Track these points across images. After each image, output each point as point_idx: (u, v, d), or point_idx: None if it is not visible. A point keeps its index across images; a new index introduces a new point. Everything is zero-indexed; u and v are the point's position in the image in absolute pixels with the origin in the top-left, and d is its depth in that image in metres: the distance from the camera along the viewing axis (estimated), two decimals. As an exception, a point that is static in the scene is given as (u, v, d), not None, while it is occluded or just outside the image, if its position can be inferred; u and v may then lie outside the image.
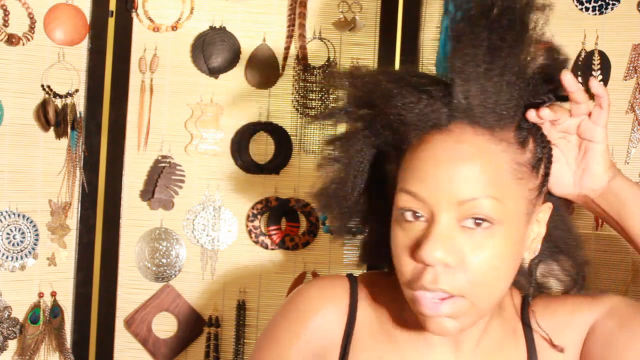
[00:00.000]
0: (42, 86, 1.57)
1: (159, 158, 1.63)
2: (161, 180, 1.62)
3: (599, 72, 1.43)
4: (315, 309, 0.93)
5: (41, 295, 1.58)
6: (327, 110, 0.97)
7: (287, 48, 1.62)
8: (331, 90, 1.60)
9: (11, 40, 1.53)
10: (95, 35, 1.61)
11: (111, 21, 1.62)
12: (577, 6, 1.46)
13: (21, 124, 1.56)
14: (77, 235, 1.63)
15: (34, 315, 1.57)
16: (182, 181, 1.64)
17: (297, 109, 1.62)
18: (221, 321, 1.63)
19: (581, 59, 1.45)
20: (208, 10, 1.63)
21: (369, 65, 1.59)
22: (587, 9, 1.45)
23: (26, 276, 1.58)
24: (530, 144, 0.86)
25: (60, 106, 1.58)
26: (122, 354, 1.65)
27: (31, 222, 1.58)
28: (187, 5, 1.63)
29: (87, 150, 1.60)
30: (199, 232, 1.64)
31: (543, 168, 0.87)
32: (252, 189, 1.63)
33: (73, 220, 1.63)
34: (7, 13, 1.53)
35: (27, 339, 1.56)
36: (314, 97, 1.61)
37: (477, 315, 0.84)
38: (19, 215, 1.56)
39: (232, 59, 1.63)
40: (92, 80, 1.62)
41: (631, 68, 1.42)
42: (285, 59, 1.62)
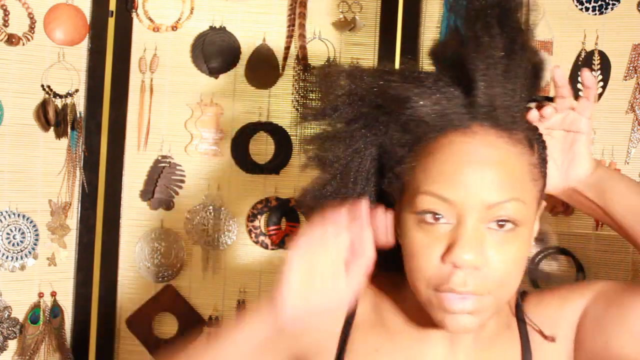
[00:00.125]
0: (42, 86, 1.57)
1: (159, 158, 1.63)
2: (161, 180, 1.62)
3: (599, 72, 1.43)
4: None
5: (41, 295, 1.58)
6: (321, 108, 0.94)
7: (287, 48, 1.62)
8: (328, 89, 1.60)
9: (11, 40, 1.53)
10: (95, 35, 1.61)
11: (111, 21, 1.62)
12: (577, 6, 1.46)
13: (21, 124, 1.56)
14: (77, 235, 1.63)
15: (34, 315, 1.57)
16: (182, 181, 1.64)
17: (297, 109, 1.62)
18: (221, 321, 1.63)
19: (581, 59, 1.45)
20: (208, 10, 1.63)
21: (369, 65, 1.59)
22: (587, 9, 1.45)
23: (26, 276, 1.58)
24: (535, 145, 0.87)
25: (60, 106, 1.58)
26: (122, 354, 1.65)
27: (31, 222, 1.58)
28: (187, 5, 1.63)
29: (87, 150, 1.60)
30: (198, 232, 1.64)
31: (546, 167, 0.88)
32: (252, 189, 1.64)
33: (73, 220, 1.63)
34: (7, 13, 1.53)
35: (27, 339, 1.56)
36: (314, 97, 1.61)
37: (494, 311, 0.85)
38: (19, 215, 1.56)
39: (232, 59, 1.63)
40: (92, 80, 1.62)
41: (631, 68, 1.42)
42: (285, 59, 1.62)
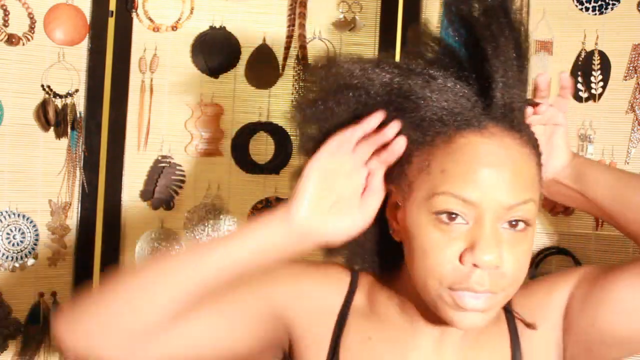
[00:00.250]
0: (42, 86, 1.57)
1: (159, 158, 1.63)
2: (161, 180, 1.62)
3: (599, 72, 1.43)
4: (329, 273, 0.99)
5: (41, 295, 1.58)
6: (319, 100, 0.92)
7: (287, 48, 1.62)
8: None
9: (11, 40, 1.53)
10: (95, 35, 1.61)
11: (111, 21, 1.62)
12: (577, 6, 1.45)
13: (21, 124, 1.56)
14: (77, 235, 1.63)
15: (34, 316, 1.57)
16: (182, 181, 1.64)
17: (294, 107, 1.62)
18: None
19: (581, 59, 1.45)
20: (208, 10, 1.63)
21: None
22: (587, 9, 1.45)
23: (26, 276, 1.58)
24: (538, 145, 0.89)
25: (60, 106, 1.58)
26: (122, 354, 1.65)
27: (31, 222, 1.58)
28: (187, 5, 1.63)
29: (87, 150, 1.60)
30: (199, 232, 1.63)
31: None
32: (252, 189, 1.64)
33: (73, 220, 1.63)
34: (7, 13, 1.53)
35: (27, 339, 1.56)
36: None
37: (501, 306, 0.87)
38: (19, 215, 1.56)
39: (232, 59, 1.63)
40: (92, 80, 1.62)
41: (631, 68, 1.42)
42: (285, 59, 1.62)
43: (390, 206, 0.92)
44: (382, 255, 1.01)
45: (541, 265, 1.44)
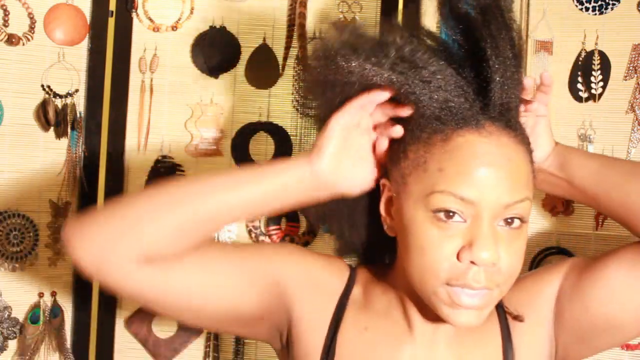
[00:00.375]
0: (42, 86, 1.57)
1: (159, 158, 1.63)
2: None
3: (599, 72, 1.43)
4: (332, 261, 1.02)
5: (41, 295, 1.58)
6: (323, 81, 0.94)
7: (287, 48, 1.62)
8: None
9: (11, 40, 1.53)
10: (95, 35, 1.61)
11: (111, 21, 1.62)
12: (577, 6, 1.45)
13: (21, 124, 1.56)
14: (77, 235, 1.63)
15: (34, 315, 1.57)
16: (182, 181, 1.64)
17: (297, 109, 1.62)
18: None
19: (581, 59, 1.45)
20: (208, 10, 1.63)
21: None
22: (587, 9, 1.45)
23: (26, 276, 1.58)
24: (530, 142, 0.90)
25: (60, 106, 1.58)
26: (122, 354, 1.65)
27: (31, 222, 1.58)
28: (187, 5, 1.63)
29: (87, 150, 1.60)
30: (199, 232, 1.63)
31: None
32: (252, 189, 1.63)
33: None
34: (7, 13, 1.53)
35: (27, 339, 1.56)
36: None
37: (496, 303, 0.88)
38: (19, 215, 1.56)
39: (232, 59, 1.63)
40: (92, 80, 1.62)
41: (631, 68, 1.42)
42: (285, 59, 1.62)
43: (384, 202, 0.94)
44: (372, 249, 1.03)
45: (541, 265, 1.44)
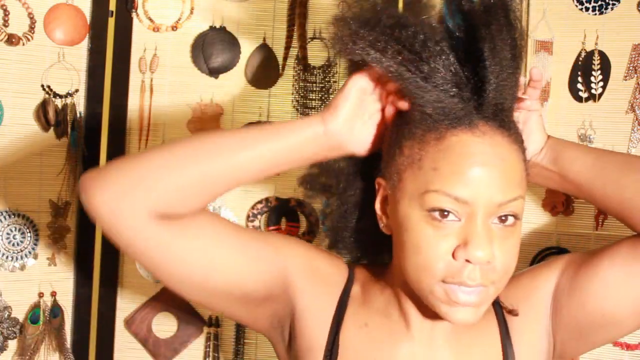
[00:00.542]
0: (42, 86, 1.57)
1: (159, 158, 1.63)
2: (161, 180, 1.62)
3: (599, 72, 1.43)
4: (334, 258, 1.03)
5: (41, 295, 1.58)
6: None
7: (287, 48, 1.62)
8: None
9: (11, 40, 1.53)
10: (95, 35, 1.61)
11: (111, 21, 1.62)
12: (577, 6, 1.46)
13: (21, 124, 1.56)
14: (77, 235, 1.63)
15: (34, 315, 1.57)
16: (182, 181, 1.64)
17: (297, 109, 1.62)
18: (221, 321, 1.63)
19: (581, 59, 1.45)
20: (208, 10, 1.63)
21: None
22: (587, 9, 1.45)
23: (26, 276, 1.58)
24: (523, 141, 0.91)
25: (60, 106, 1.58)
26: (122, 354, 1.65)
27: (31, 222, 1.58)
28: (187, 5, 1.63)
29: (87, 150, 1.60)
30: (199, 232, 1.63)
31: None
32: (252, 189, 1.63)
33: (73, 220, 1.63)
34: (7, 13, 1.53)
35: (27, 339, 1.56)
36: (314, 97, 1.61)
37: (492, 300, 0.89)
38: (19, 215, 1.56)
39: (232, 59, 1.63)
40: (92, 80, 1.62)
41: (631, 68, 1.42)
42: (285, 59, 1.62)
43: (380, 200, 0.94)
44: (368, 248, 1.03)
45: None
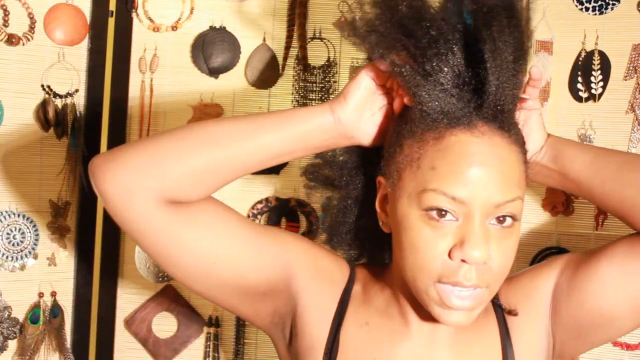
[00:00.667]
0: (42, 86, 1.57)
1: (159, 158, 1.63)
2: (161, 180, 1.62)
3: (599, 72, 1.43)
4: (337, 256, 1.03)
5: (41, 295, 1.58)
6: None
7: (287, 48, 1.62)
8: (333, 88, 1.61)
9: (11, 40, 1.53)
10: (95, 35, 1.61)
11: (111, 21, 1.62)
12: (577, 6, 1.46)
13: (21, 124, 1.56)
14: (77, 235, 1.63)
15: (34, 315, 1.57)
16: (182, 181, 1.64)
17: (297, 109, 1.62)
18: (221, 321, 1.63)
19: (581, 59, 1.45)
20: (208, 10, 1.63)
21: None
22: (587, 9, 1.45)
23: (26, 276, 1.58)
24: (524, 142, 0.91)
25: (60, 106, 1.58)
26: (122, 354, 1.65)
27: (31, 222, 1.58)
28: (187, 5, 1.63)
29: (87, 150, 1.60)
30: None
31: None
32: (252, 189, 1.63)
33: (73, 220, 1.63)
34: (7, 13, 1.53)
35: (27, 339, 1.56)
36: (314, 97, 1.61)
37: (487, 302, 0.89)
38: (19, 215, 1.56)
39: (232, 59, 1.63)
40: (92, 80, 1.62)
41: (631, 68, 1.42)
42: (285, 59, 1.62)
43: (379, 199, 0.95)
44: (364, 245, 1.04)
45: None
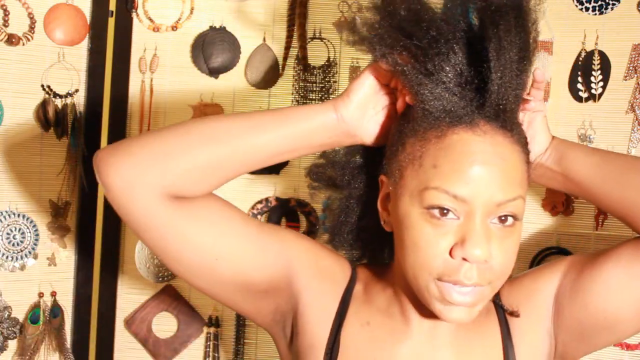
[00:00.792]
0: (42, 86, 1.57)
1: (159, 158, 1.63)
2: (161, 180, 1.62)
3: (599, 72, 1.43)
4: (339, 256, 1.04)
5: (41, 295, 1.58)
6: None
7: (287, 48, 1.62)
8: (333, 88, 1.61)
9: (11, 40, 1.53)
10: (95, 35, 1.61)
11: (111, 21, 1.62)
12: (577, 6, 1.46)
13: (21, 124, 1.56)
14: (77, 235, 1.63)
15: (34, 315, 1.57)
16: (182, 181, 1.64)
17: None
18: (221, 321, 1.63)
19: (581, 59, 1.45)
20: (208, 10, 1.63)
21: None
22: (587, 9, 1.45)
23: (26, 276, 1.58)
24: (526, 142, 0.91)
25: (60, 106, 1.58)
26: (122, 354, 1.65)
27: (31, 222, 1.58)
28: (187, 5, 1.63)
29: (87, 150, 1.60)
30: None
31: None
32: (252, 189, 1.63)
33: (73, 220, 1.63)
34: (7, 13, 1.53)
35: (27, 339, 1.56)
36: (314, 97, 1.61)
37: (488, 300, 0.89)
38: (19, 215, 1.56)
39: (232, 59, 1.63)
40: (92, 80, 1.62)
41: (631, 68, 1.42)
42: (285, 59, 1.62)
43: (381, 197, 0.95)
44: (365, 245, 1.04)
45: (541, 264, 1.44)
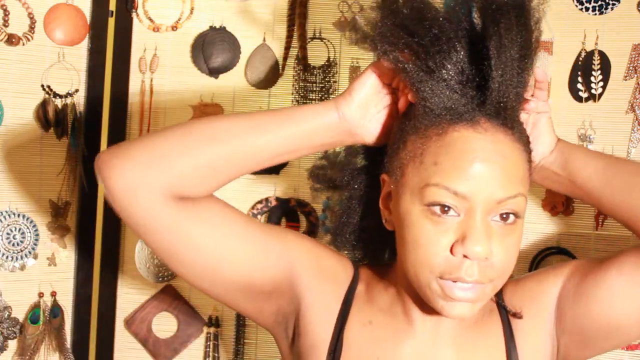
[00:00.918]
0: (42, 86, 1.57)
1: (159, 158, 1.63)
2: (161, 180, 1.62)
3: (599, 72, 1.43)
4: (341, 256, 1.04)
5: (41, 295, 1.58)
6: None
7: (287, 48, 1.62)
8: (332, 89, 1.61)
9: (11, 40, 1.53)
10: (95, 35, 1.61)
11: (111, 21, 1.62)
12: (577, 6, 1.46)
13: (21, 124, 1.56)
14: (77, 235, 1.63)
15: (34, 315, 1.57)
16: (182, 181, 1.64)
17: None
18: (221, 321, 1.63)
19: (581, 59, 1.45)
20: (208, 10, 1.63)
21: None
22: (587, 9, 1.45)
23: (26, 276, 1.58)
24: (528, 141, 0.91)
25: (60, 106, 1.58)
26: (122, 354, 1.65)
27: (31, 222, 1.58)
28: (187, 5, 1.63)
29: (87, 150, 1.60)
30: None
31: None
32: (252, 189, 1.63)
33: (73, 220, 1.63)
34: (7, 13, 1.53)
35: (27, 339, 1.56)
36: (314, 97, 1.61)
37: (489, 297, 0.89)
38: (19, 215, 1.56)
39: (232, 59, 1.63)
40: (92, 80, 1.62)
41: (631, 68, 1.42)
42: (285, 59, 1.62)
43: (383, 196, 0.95)
44: (367, 246, 1.04)
45: (541, 265, 1.44)
